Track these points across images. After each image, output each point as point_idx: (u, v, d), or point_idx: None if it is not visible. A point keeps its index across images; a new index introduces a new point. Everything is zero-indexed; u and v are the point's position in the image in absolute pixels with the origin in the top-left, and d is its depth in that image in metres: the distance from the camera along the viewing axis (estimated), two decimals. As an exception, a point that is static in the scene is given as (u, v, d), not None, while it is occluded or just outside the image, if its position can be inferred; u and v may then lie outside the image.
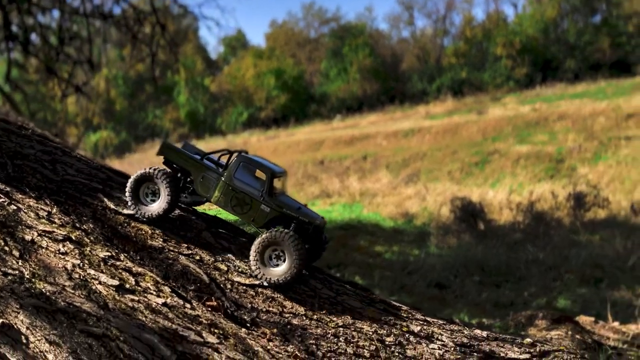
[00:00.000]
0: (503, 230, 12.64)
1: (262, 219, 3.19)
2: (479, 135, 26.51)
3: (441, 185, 20.13)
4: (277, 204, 3.18)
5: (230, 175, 3.21)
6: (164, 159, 3.37)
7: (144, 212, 3.27)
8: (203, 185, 3.26)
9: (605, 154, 19.36)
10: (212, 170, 3.27)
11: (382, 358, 3.01)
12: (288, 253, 3.04)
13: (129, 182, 3.27)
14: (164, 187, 3.23)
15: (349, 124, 39.11)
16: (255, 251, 3.08)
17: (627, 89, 28.85)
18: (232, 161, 3.24)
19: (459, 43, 49.51)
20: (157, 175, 3.24)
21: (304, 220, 3.16)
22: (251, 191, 3.19)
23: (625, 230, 11.40)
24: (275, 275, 3.08)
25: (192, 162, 3.30)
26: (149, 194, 3.29)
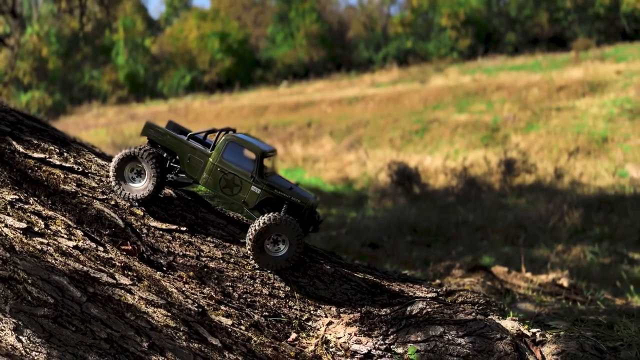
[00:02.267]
0: (437, 194, 13.08)
1: (253, 200, 3.09)
2: (420, 104, 27.01)
3: (382, 152, 20.49)
4: (268, 185, 3.09)
5: (218, 156, 3.09)
6: (147, 139, 3.22)
7: (128, 192, 3.13)
8: (190, 167, 3.14)
9: (537, 124, 20.21)
10: (199, 150, 3.13)
11: (297, 298, 3.10)
12: (288, 239, 2.99)
13: (113, 161, 3.11)
14: (150, 167, 3.08)
15: (295, 91, 38.82)
16: (251, 238, 2.99)
17: (560, 63, 30.02)
18: (220, 141, 3.11)
19: (405, 12, 49.76)
20: (142, 155, 3.08)
21: (297, 201, 3.08)
22: (241, 172, 3.08)
23: (549, 194, 12.04)
24: (275, 261, 3.03)
25: (178, 143, 3.15)
26: (134, 175, 3.15)
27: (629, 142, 16.62)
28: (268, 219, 2.96)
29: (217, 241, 3.22)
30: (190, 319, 2.80)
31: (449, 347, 2.86)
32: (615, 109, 19.42)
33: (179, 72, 46.94)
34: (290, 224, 2.96)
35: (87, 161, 3.47)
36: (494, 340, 2.85)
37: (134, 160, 3.11)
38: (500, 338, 2.86)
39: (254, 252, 3.02)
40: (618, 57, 28.63)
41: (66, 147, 3.52)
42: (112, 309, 2.72)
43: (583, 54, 31.59)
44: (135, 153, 3.09)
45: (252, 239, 2.99)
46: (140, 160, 3.09)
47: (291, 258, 3.02)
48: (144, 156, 3.09)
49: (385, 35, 48.42)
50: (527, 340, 2.97)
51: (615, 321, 3.36)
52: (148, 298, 2.81)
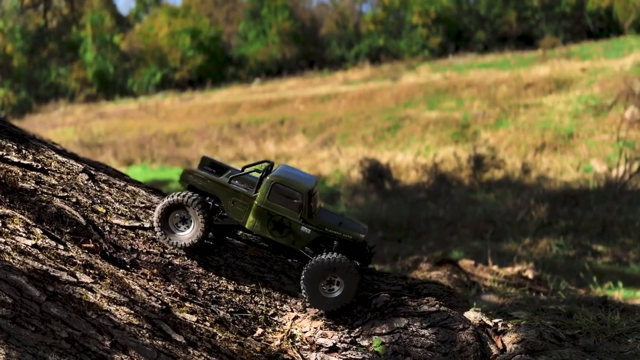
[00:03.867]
0: (408, 190, 13.21)
1: (304, 241, 3.00)
2: (392, 101, 27.21)
3: (354, 149, 20.58)
4: (318, 224, 2.99)
5: (264, 198, 2.96)
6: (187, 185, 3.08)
7: (175, 241, 3.00)
8: (235, 210, 3.02)
9: (506, 120, 20.58)
10: (242, 194, 3.02)
11: (263, 293, 3.10)
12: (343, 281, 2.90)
13: (157, 210, 2.99)
14: (197, 214, 2.96)
15: (267, 88, 38.67)
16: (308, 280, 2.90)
17: (528, 61, 30.61)
18: (264, 182, 2.99)
19: (377, 10, 50.02)
20: (188, 202, 2.96)
21: (348, 238, 3.00)
22: (289, 213, 2.96)
23: (517, 189, 12.29)
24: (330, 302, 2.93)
25: (220, 187, 3.04)
26: (179, 222, 3.03)
27: (593, 138, 17.06)
28: (322, 260, 2.88)
29: (181, 238, 3.19)
30: (154, 316, 2.78)
31: (413, 338, 2.90)
32: (581, 106, 19.91)
33: (150, 69, 46.25)
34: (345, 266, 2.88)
35: (47, 158, 3.39)
36: (456, 331, 2.90)
37: (179, 208, 2.98)
38: (463, 328, 2.91)
39: (308, 294, 2.93)
40: (583, 55, 29.34)
41: (24, 143, 3.44)
42: (73, 308, 2.68)
43: (550, 52, 32.28)
44: (182, 201, 2.96)
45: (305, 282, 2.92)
46: (187, 207, 2.97)
47: (345, 300, 2.94)
48: (190, 203, 2.96)
49: (358, 32, 48.60)
50: (489, 330, 3.03)
51: (575, 310, 3.46)
52: (110, 296, 2.77)
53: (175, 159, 19.86)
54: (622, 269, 8.08)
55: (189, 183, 3.06)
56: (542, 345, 2.89)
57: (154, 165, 19.97)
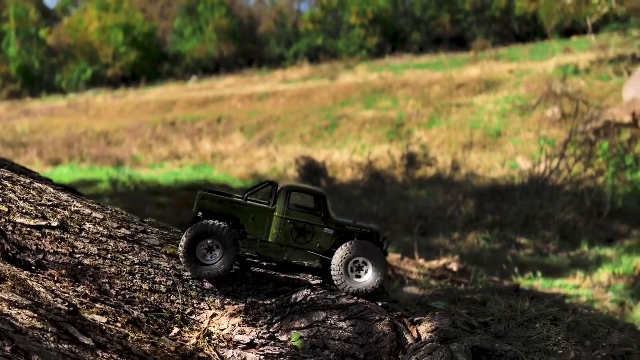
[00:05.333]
0: (344, 188, 13.35)
1: (329, 243, 3.08)
2: (330, 100, 27.42)
3: (292, 148, 20.59)
4: (338, 224, 3.10)
5: (284, 208, 3.02)
6: (203, 211, 3.03)
7: (206, 272, 2.94)
8: (256, 227, 3.04)
9: (439, 120, 21.22)
10: (260, 208, 3.05)
11: (179, 292, 3.03)
12: (372, 263, 3.01)
13: (184, 242, 2.91)
14: (227, 242, 2.94)
15: (205, 86, 38.01)
16: (339, 265, 2.99)
17: (461, 62, 31.70)
18: (280, 193, 3.04)
19: (315, 10, 50.27)
20: (217, 231, 2.93)
21: (367, 231, 3.11)
22: (311, 218, 3.05)
23: (447, 186, 12.69)
24: (361, 286, 3.02)
25: (238, 206, 3.04)
26: (205, 251, 2.97)
27: (519, 137, 17.89)
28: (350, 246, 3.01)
29: (93, 237, 3.06)
30: (60, 319, 2.65)
31: (331, 331, 2.91)
32: (508, 106, 20.83)
33: (80, 65, 44.32)
34: (373, 249, 3.03)
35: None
36: (373, 322, 2.94)
37: (207, 238, 2.94)
38: (380, 320, 2.95)
39: (342, 280, 3.01)
40: (511, 57, 30.71)
41: None
42: (-31, 313, 2.51)
43: (481, 54, 33.57)
44: (212, 229, 2.93)
45: (339, 266, 3.01)
46: (215, 237, 2.94)
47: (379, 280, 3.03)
48: (220, 231, 2.94)
49: (296, 31, 48.66)
50: (406, 320, 3.10)
51: (489, 298, 3.60)
52: (12, 299, 2.62)
53: (106, 159, 19.13)
54: (542, 260, 8.51)
55: (205, 208, 3.03)
56: (455, 333, 2.98)
57: (83, 165, 19.14)
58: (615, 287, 6.88)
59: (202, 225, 2.94)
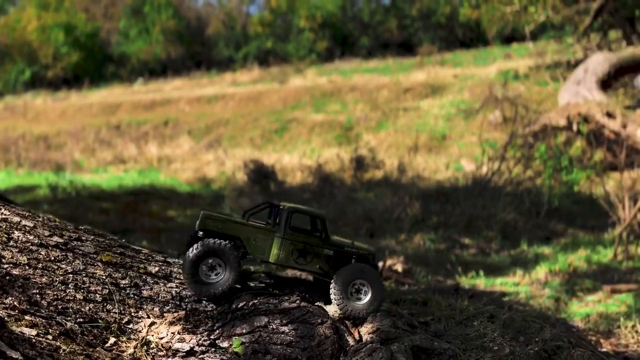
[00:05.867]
0: (293, 191, 13.35)
1: (328, 263, 3.16)
2: (279, 103, 27.39)
3: (242, 151, 20.42)
4: (337, 245, 3.20)
5: (285, 229, 3.10)
6: (204, 231, 3.06)
7: (210, 290, 2.98)
8: (257, 247, 3.11)
9: (386, 123, 21.57)
10: (262, 229, 3.13)
11: (116, 301, 2.94)
12: (371, 286, 3.12)
13: (187, 262, 2.95)
14: (231, 259, 3.00)
15: (151, 89, 37.15)
16: (340, 287, 3.07)
17: (407, 67, 32.37)
18: (282, 214, 3.12)
19: (264, 12, 50.10)
20: (221, 249, 2.99)
21: (365, 253, 3.24)
22: (311, 239, 3.14)
23: (394, 188, 12.91)
24: (359, 308, 3.11)
25: (240, 227, 3.10)
26: (207, 270, 3.01)
27: (463, 140, 18.42)
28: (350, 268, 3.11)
29: (22, 246, 2.93)
30: (-15, 333, 2.51)
31: (273, 336, 2.90)
32: (453, 110, 21.42)
33: (17, 66, 42.35)
34: (372, 272, 3.13)
35: None
36: (315, 325, 2.95)
37: (211, 255, 2.99)
38: (322, 323, 2.97)
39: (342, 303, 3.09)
40: (456, 63, 31.62)
41: None
42: None
43: (427, 59, 34.36)
44: (216, 247, 2.98)
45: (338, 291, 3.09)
46: (221, 254, 2.99)
47: (374, 303, 3.13)
48: (224, 249, 2.99)
49: (245, 34, 48.35)
50: (347, 322, 3.12)
51: (430, 298, 3.68)
52: None
53: (45, 163, 18.35)
54: (485, 259, 8.78)
55: (208, 228, 3.06)
56: (396, 333, 3.03)
57: (21, 170, 18.29)
58: (552, 283, 7.18)
59: (206, 243, 2.99)
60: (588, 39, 20.92)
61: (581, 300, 6.52)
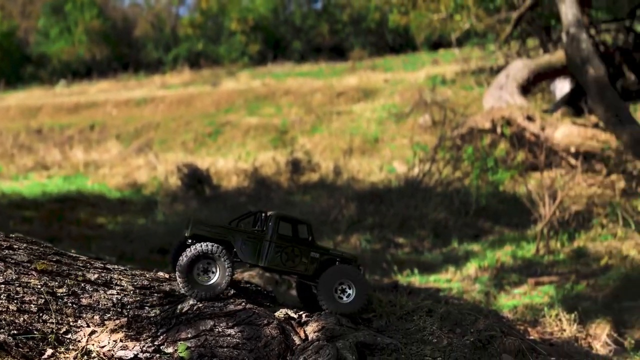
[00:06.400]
0: (229, 195, 13.21)
1: (314, 265, 3.31)
2: (212, 106, 27.00)
3: (174, 155, 19.95)
4: (322, 248, 3.39)
5: (274, 234, 3.24)
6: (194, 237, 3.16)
7: (205, 292, 3.05)
8: (246, 251, 3.22)
9: (321, 127, 21.80)
10: (252, 234, 3.25)
11: (53, 310, 2.82)
12: (355, 285, 3.28)
13: (183, 262, 3.02)
14: (224, 261, 3.09)
15: (75, 91, 35.49)
16: (326, 288, 3.22)
17: (340, 71, 32.84)
18: (270, 220, 3.26)
19: (194, 14, 49.21)
20: (214, 252, 3.08)
21: (348, 257, 3.45)
22: (297, 242, 3.30)
23: (330, 190, 13.07)
24: (345, 307, 3.26)
25: (231, 232, 3.21)
26: (201, 272, 3.10)
27: (395, 142, 18.95)
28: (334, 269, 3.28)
29: (-53, 256, 2.75)
30: None
31: (219, 339, 2.89)
32: (384, 113, 21.97)
33: None
34: (355, 272, 3.30)
35: None
36: (261, 327, 2.97)
37: (204, 259, 3.07)
38: (268, 324, 2.99)
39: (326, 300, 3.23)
40: (386, 67, 32.45)
41: None
42: None
43: (358, 63, 35.03)
44: (209, 250, 3.07)
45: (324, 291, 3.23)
46: (214, 256, 3.07)
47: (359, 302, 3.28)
48: (217, 251, 3.07)
49: (175, 36, 47.26)
50: (293, 322, 3.16)
51: (371, 295, 3.79)
52: None
53: (-44, 170, 17.09)
54: (418, 257, 9.09)
55: (198, 234, 3.15)
56: (340, 330, 3.10)
57: None
58: (481, 278, 7.55)
59: (200, 246, 3.08)
60: (509, 47, 22.13)
61: (509, 293, 6.91)
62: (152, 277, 3.26)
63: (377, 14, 47.47)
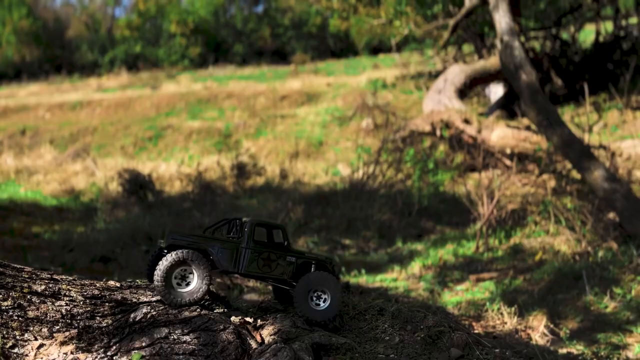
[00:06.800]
0: (173, 200, 12.95)
1: (291, 269, 3.35)
2: (152, 110, 26.37)
3: (113, 160, 19.34)
4: (297, 252, 3.41)
5: (250, 240, 3.26)
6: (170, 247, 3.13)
7: (180, 298, 3.04)
8: (223, 259, 3.22)
9: (265, 130, 21.75)
10: (228, 242, 3.26)
11: (-3, 325, 2.71)
12: (330, 292, 3.33)
13: (160, 270, 3.01)
14: (201, 268, 3.08)
15: (3, 94, 33.75)
16: (301, 295, 3.25)
17: (282, 75, 32.88)
18: (246, 226, 3.28)
19: (132, 16, 47.86)
20: (191, 258, 3.07)
21: (323, 259, 3.46)
22: (273, 247, 3.32)
23: (277, 194, 13.08)
24: (320, 313, 3.29)
25: (207, 240, 3.22)
26: (179, 279, 3.09)
27: (339, 145, 19.19)
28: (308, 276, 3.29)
29: None
30: None
31: (174, 346, 2.87)
32: (328, 117, 22.20)
33: None
34: (332, 280, 3.32)
35: None
36: (217, 332, 2.97)
37: (182, 265, 3.07)
38: (224, 329, 2.99)
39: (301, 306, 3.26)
40: (328, 71, 32.78)
41: None
42: None
43: (301, 67, 35.21)
44: (185, 257, 3.06)
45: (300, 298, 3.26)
46: (191, 263, 3.07)
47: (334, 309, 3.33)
48: (194, 258, 3.07)
49: (111, 37, 45.77)
50: (249, 326, 3.18)
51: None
52: None
53: None
54: (365, 257, 9.26)
55: (175, 244, 3.14)
56: (296, 332, 3.15)
57: None
58: (426, 276, 7.80)
59: (177, 253, 3.07)
60: (446, 52, 22.92)
61: (452, 290, 7.18)
62: (103, 286, 3.18)
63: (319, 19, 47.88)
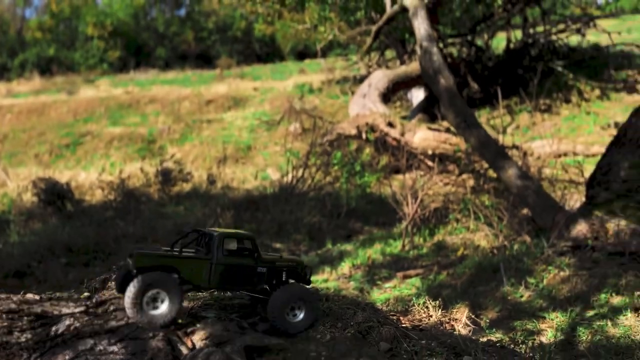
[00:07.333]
0: (94, 210, 12.41)
1: (262, 280, 3.34)
2: (69, 116, 25.13)
3: (27, 170, 18.24)
4: (268, 262, 3.40)
5: (219, 254, 3.22)
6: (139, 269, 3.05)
7: (153, 321, 2.99)
8: (194, 275, 3.18)
9: (191, 135, 21.34)
10: (196, 258, 3.22)
11: None
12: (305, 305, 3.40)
13: (131, 294, 2.95)
14: (173, 290, 3.06)
15: None
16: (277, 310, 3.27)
17: (208, 79, 32.39)
18: (215, 240, 3.23)
19: (44, 17, 45.36)
20: (161, 281, 3.04)
21: (293, 265, 3.49)
22: (243, 259, 3.29)
23: (205, 200, 12.87)
24: (297, 325, 3.35)
25: (175, 260, 3.17)
26: (149, 301, 3.04)
27: (267, 149, 19.17)
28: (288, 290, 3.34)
29: None
30: None
31: (101, 357, 2.78)
32: (255, 121, 22.12)
33: None
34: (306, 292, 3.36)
35: None
36: (146, 340, 2.91)
37: (153, 288, 3.03)
38: (153, 336, 2.94)
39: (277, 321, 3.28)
40: (255, 76, 32.64)
41: None
42: None
43: (226, 71, 34.82)
44: (155, 279, 3.02)
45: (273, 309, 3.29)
46: (162, 285, 3.04)
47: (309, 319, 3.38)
48: (163, 281, 3.04)
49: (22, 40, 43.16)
50: (179, 332, 3.13)
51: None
52: None
53: None
54: (296, 260, 9.32)
55: (144, 265, 3.07)
56: (228, 336, 3.14)
57: None
58: (355, 276, 7.97)
59: (146, 276, 3.01)
60: (369, 58, 23.51)
61: (380, 287, 7.39)
62: (20, 299, 3.02)
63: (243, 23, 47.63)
